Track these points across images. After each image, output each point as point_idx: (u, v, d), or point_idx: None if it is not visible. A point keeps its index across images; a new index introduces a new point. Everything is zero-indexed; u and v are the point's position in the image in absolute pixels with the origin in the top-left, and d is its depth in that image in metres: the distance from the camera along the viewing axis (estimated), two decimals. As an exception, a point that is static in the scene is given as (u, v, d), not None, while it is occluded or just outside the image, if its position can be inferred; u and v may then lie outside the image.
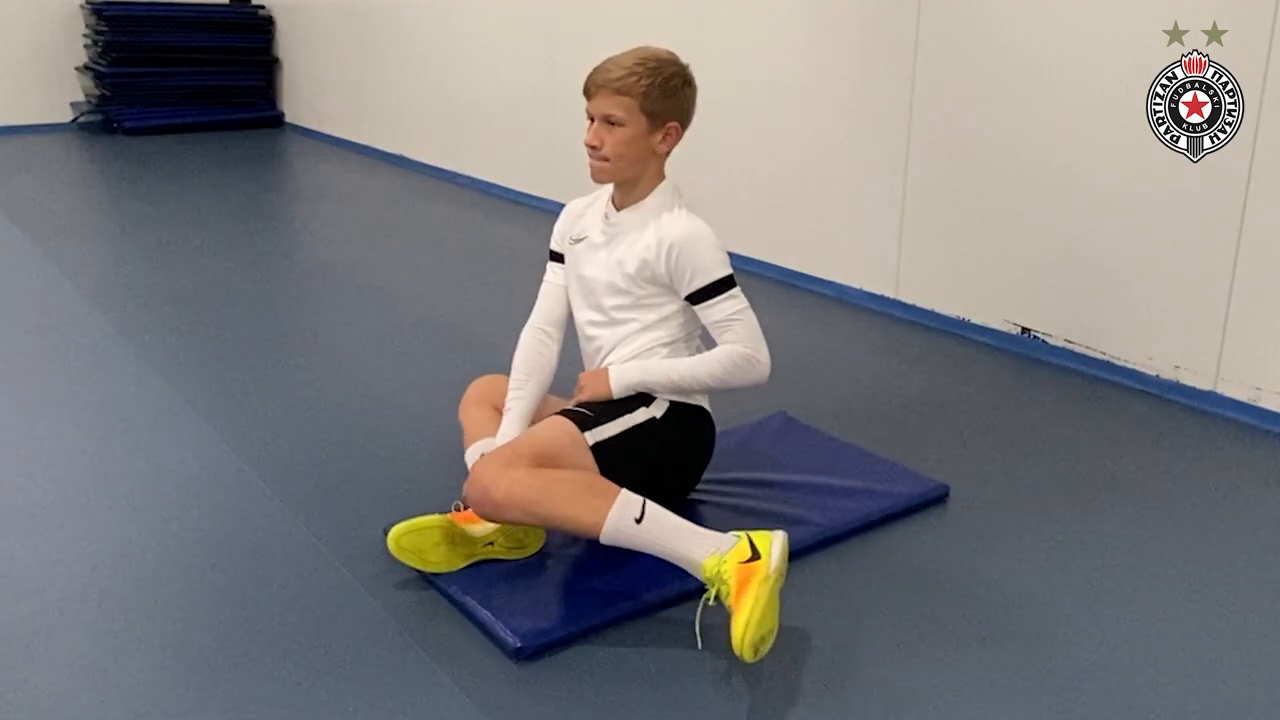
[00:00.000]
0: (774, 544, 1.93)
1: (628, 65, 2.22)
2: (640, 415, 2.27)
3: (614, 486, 2.06)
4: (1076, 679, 1.90)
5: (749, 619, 1.80)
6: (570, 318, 2.48)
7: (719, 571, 1.90)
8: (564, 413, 2.27)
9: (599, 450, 2.20)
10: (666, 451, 2.32)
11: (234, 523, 2.41)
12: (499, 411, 2.48)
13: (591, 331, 2.40)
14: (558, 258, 2.49)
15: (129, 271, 4.66)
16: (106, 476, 2.65)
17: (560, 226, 2.50)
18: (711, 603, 1.90)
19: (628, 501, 2.02)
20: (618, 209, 2.35)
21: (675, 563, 1.98)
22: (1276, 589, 2.21)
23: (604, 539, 2.01)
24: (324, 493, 2.56)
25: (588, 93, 2.26)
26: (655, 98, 2.21)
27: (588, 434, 2.21)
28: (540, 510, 2.03)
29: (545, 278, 2.52)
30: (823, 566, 2.25)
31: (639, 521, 2.00)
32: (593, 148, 2.26)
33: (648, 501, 2.03)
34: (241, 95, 8.48)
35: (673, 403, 2.31)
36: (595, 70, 2.25)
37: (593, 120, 2.26)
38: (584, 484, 2.08)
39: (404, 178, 6.69)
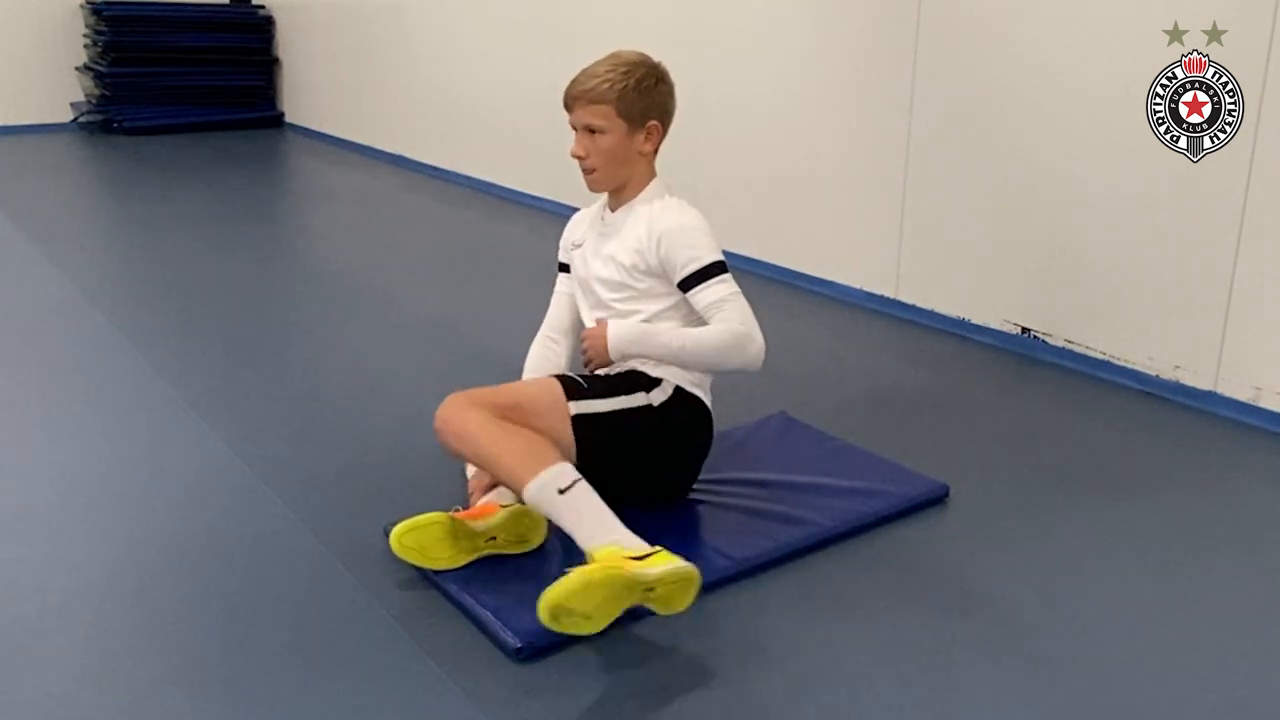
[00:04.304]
0: (670, 565, 1.89)
1: (600, 74, 2.28)
2: (637, 399, 2.28)
3: (557, 456, 2.05)
4: (1078, 678, 1.90)
5: (568, 585, 1.78)
6: (579, 325, 2.51)
7: (605, 554, 1.90)
8: (560, 377, 2.29)
9: (580, 423, 2.20)
10: (657, 442, 2.32)
11: (234, 523, 2.41)
12: None
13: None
14: (565, 268, 2.56)
15: (129, 271, 4.66)
16: (106, 476, 2.65)
17: (564, 237, 2.57)
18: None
19: (561, 472, 2.03)
20: (612, 210, 2.42)
21: (579, 544, 1.97)
22: (1277, 588, 2.21)
23: (526, 498, 2.03)
24: (324, 492, 2.56)
25: (567, 106, 2.33)
26: (631, 100, 2.28)
27: (573, 403, 2.21)
28: (483, 453, 2.08)
29: (555, 288, 2.58)
30: (823, 566, 2.25)
31: (562, 493, 2.00)
32: (579, 158, 2.33)
33: (583, 482, 2.03)
34: (241, 95, 8.48)
35: (672, 395, 2.31)
36: (570, 83, 2.32)
37: (577, 132, 2.33)
38: (531, 445, 2.08)
39: (404, 178, 6.69)
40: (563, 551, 2.25)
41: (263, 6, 8.53)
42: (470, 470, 2.43)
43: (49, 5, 8.15)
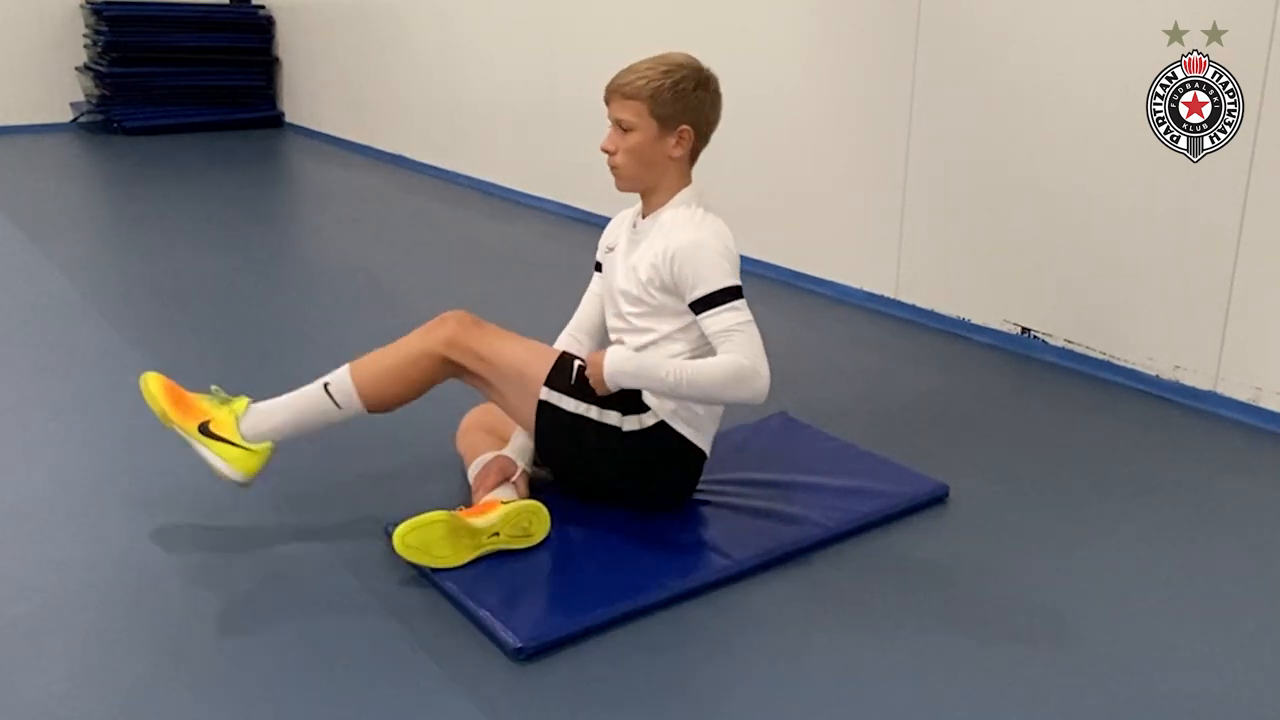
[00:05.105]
0: (202, 448, 2.28)
1: (641, 70, 2.25)
2: (607, 417, 2.26)
3: (389, 398, 2.33)
4: (1078, 677, 1.90)
5: (166, 385, 2.32)
6: (604, 327, 2.49)
7: (237, 409, 2.30)
8: (564, 355, 2.32)
9: (542, 409, 2.26)
10: (612, 465, 2.30)
11: (234, 523, 2.41)
12: (498, 437, 2.48)
13: (614, 340, 2.40)
14: (600, 268, 2.53)
15: (129, 271, 4.65)
16: (106, 476, 2.65)
17: (602, 237, 2.53)
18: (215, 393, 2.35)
19: (343, 384, 2.32)
20: (643, 217, 2.37)
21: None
22: (1276, 587, 2.21)
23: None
24: (324, 492, 2.56)
25: (606, 99, 2.29)
26: (664, 101, 2.22)
27: (546, 388, 2.25)
28: (398, 349, 2.35)
29: (589, 287, 2.57)
30: (823, 566, 2.25)
31: (325, 387, 2.32)
32: (607, 153, 2.29)
33: (333, 407, 2.32)
34: (241, 95, 8.48)
35: (651, 427, 2.28)
36: (612, 77, 2.28)
37: (611, 126, 2.31)
38: (390, 374, 2.33)
39: (404, 178, 6.69)
40: (557, 548, 2.25)
41: (263, 6, 8.53)
42: (472, 470, 2.43)
43: (49, 5, 8.15)
